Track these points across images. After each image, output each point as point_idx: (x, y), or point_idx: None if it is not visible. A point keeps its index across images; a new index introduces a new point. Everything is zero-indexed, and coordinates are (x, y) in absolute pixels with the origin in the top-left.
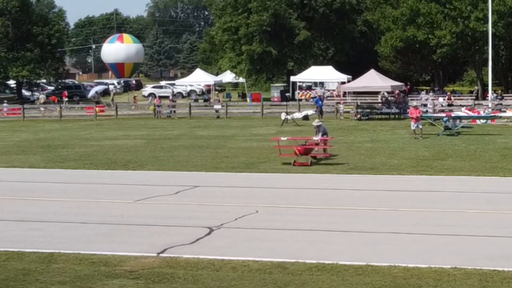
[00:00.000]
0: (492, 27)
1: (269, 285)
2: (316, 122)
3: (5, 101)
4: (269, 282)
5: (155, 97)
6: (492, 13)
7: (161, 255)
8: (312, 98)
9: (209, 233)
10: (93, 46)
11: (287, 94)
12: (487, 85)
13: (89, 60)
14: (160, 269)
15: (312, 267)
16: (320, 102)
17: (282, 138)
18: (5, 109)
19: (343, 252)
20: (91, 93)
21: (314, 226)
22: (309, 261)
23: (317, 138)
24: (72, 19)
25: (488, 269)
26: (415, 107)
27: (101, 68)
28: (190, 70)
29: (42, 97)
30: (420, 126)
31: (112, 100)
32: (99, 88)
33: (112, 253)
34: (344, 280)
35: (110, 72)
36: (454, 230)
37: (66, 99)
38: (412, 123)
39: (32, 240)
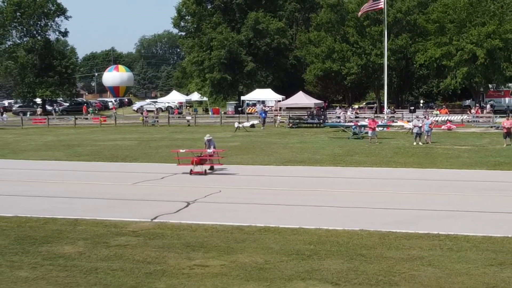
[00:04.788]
0: (387, 60)
1: (231, 241)
2: (207, 137)
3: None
4: (231, 239)
5: (143, 111)
6: (387, 51)
7: (154, 220)
8: (257, 111)
9: (187, 206)
10: (96, 74)
11: (239, 109)
12: (383, 103)
13: (93, 84)
14: (154, 230)
15: (261, 229)
16: (263, 114)
17: (181, 150)
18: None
19: (283, 218)
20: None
21: (261, 201)
22: (259, 225)
23: (210, 150)
24: (80, 54)
25: (386, 231)
26: (373, 120)
27: (101, 90)
28: (167, 92)
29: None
30: (376, 134)
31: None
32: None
33: (119, 219)
34: (284, 238)
35: (108, 93)
36: (361, 204)
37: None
38: (370, 131)
39: (61, 210)
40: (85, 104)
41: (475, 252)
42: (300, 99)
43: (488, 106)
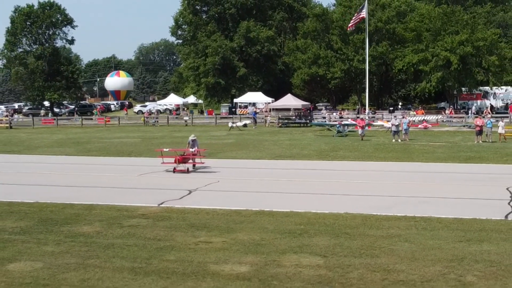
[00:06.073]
0: (368, 66)
1: (230, 222)
2: (191, 137)
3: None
4: (230, 220)
5: (143, 113)
6: (368, 57)
7: (160, 205)
8: (248, 113)
9: (189, 193)
10: (98, 79)
11: (233, 110)
12: (365, 105)
13: (95, 89)
14: (161, 213)
15: (256, 213)
16: (255, 115)
17: (164, 149)
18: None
19: (276, 203)
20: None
21: (256, 189)
22: (255, 209)
23: (193, 150)
24: (83, 60)
25: (367, 214)
26: (362, 119)
27: (103, 94)
28: (164, 96)
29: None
30: (364, 132)
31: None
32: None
33: (130, 204)
34: (277, 220)
35: (110, 96)
36: (345, 192)
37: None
38: (360, 130)
39: (77, 197)
40: (98, 107)
41: (446, 231)
42: (289, 101)
43: (473, 107)
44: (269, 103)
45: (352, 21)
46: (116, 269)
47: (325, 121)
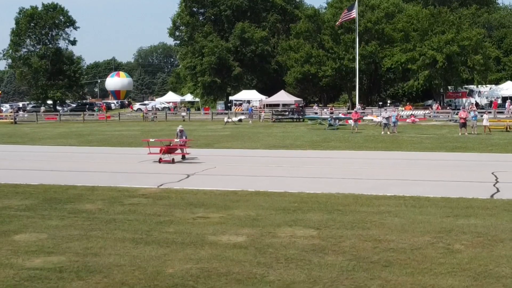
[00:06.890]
0: (358, 64)
1: (227, 201)
2: (179, 127)
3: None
4: (227, 199)
5: (142, 111)
6: (358, 56)
7: (160, 187)
8: (243, 110)
9: (187, 177)
10: (99, 81)
11: (229, 105)
12: (355, 103)
13: (96, 90)
14: (160, 194)
15: (252, 193)
16: (251, 110)
17: (151, 140)
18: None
19: (271, 185)
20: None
21: (252, 173)
22: (250, 189)
23: (178, 140)
24: (85, 60)
25: (358, 193)
26: (356, 112)
27: (103, 95)
28: (162, 96)
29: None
30: (357, 125)
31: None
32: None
33: (131, 186)
34: (272, 199)
35: (110, 96)
36: (336, 175)
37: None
38: (353, 122)
39: (80, 180)
40: (104, 104)
41: (435, 208)
42: (282, 97)
43: (466, 104)
44: (261, 100)
45: (340, 19)
46: (117, 239)
47: (316, 115)
